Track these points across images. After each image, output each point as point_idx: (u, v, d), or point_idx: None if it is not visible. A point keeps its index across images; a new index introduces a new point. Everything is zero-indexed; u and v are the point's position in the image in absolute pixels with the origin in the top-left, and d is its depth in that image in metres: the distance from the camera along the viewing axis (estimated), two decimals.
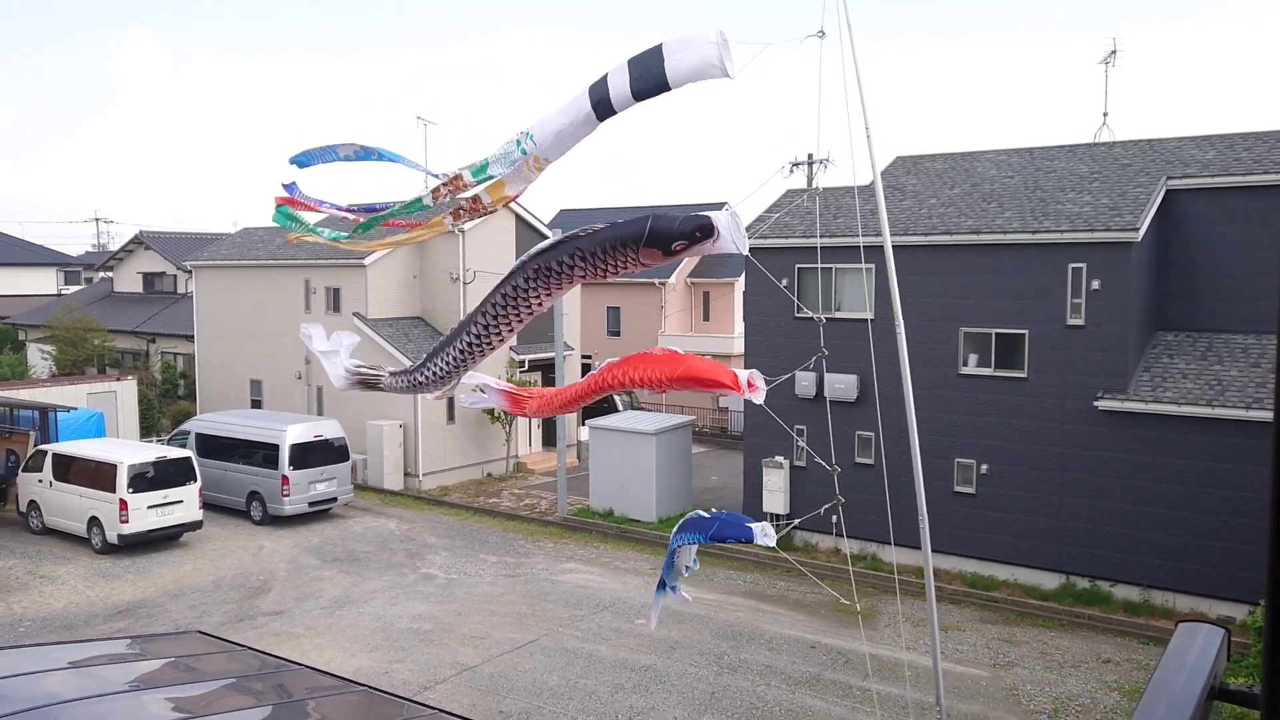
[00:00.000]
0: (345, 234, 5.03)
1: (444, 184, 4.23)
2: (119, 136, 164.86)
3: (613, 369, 4.96)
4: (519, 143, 4.05)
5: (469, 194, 4.26)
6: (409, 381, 5.08)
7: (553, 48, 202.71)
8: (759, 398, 4.52)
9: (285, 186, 4.98)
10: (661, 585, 6.45)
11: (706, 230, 3.80)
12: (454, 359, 4.72)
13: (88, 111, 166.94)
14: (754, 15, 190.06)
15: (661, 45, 3.71)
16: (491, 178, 4.13)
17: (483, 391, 5.54)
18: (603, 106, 3.86)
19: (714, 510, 5.84)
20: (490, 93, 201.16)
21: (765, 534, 5.17)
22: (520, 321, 4.39)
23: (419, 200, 4.43)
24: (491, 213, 4.38)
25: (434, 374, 4.85)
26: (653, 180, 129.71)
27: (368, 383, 5.31)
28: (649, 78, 3.73)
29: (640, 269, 3.99)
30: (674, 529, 6.09)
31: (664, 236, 3.85)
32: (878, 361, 17.99)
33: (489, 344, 4.54)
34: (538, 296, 4.23)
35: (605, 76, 3.87)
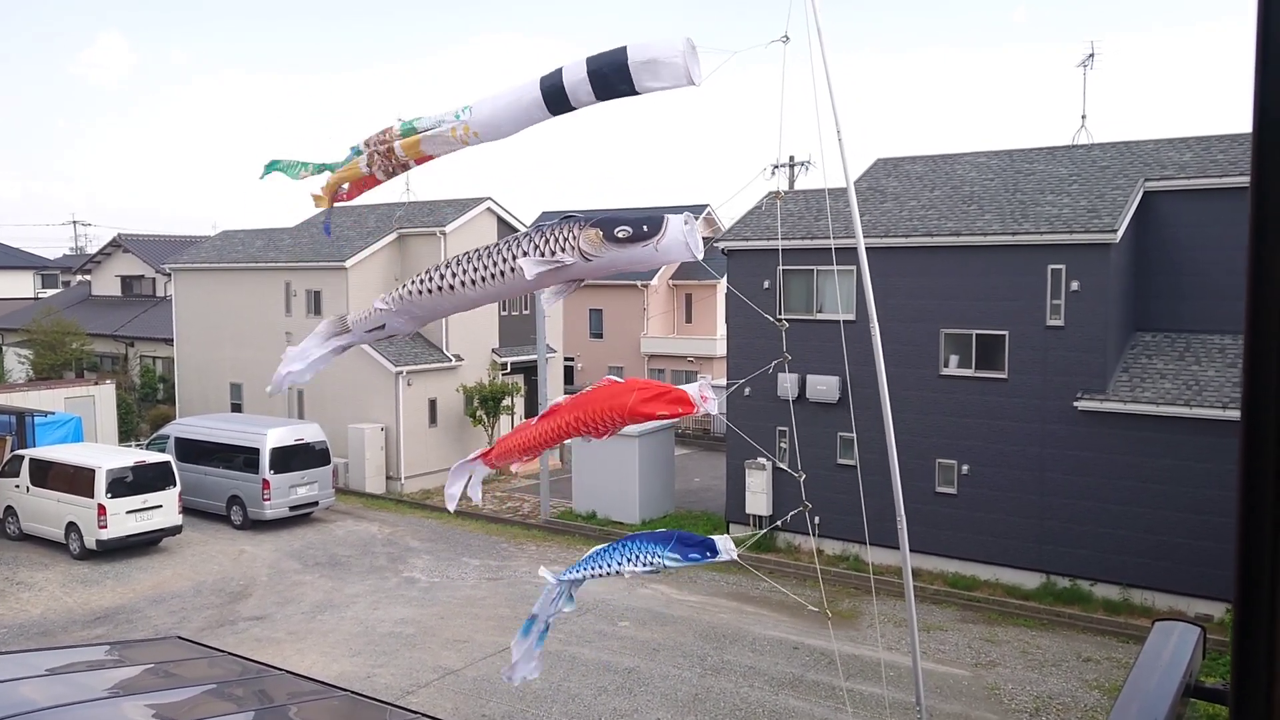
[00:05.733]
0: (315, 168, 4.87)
1: (376, 136, 4.26)
2: (95, 139, 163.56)
3: (563, 413, 4.96)
4: (457, 113, 4.05)
5: (387, 143, 4.25)
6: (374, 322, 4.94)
7: (529, 53, 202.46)
8: (713, 407, 4.52)
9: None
10: (537, 629, 6.01)
11: (654, 224, 3.79)
12: (406, 298, 4.66)
13: (62, 114, 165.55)
14: (733, 22, 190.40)
15: (626, 48, 3.65)
16: (415, 131, 4.14)
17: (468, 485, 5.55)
18: (556, 97, 3.79)
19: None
20: (473, 97, 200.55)
21: (727, 549, 5.11)
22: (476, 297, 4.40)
23: (355, 149, 4.43)
24: (404, 168, 4.34)
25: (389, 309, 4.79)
26: (637, 183, 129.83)
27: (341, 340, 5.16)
28: (611, 78, 3.67)
29: (581, 260, 3.94)
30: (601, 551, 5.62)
31: (612, 220, 3.87)
32: (858, 363, 18.09)
33: (435, 294, 4.50)
34: (493, 282, 4.23)
35: (559, 69, 3.82)
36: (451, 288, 4.38)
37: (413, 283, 4.60)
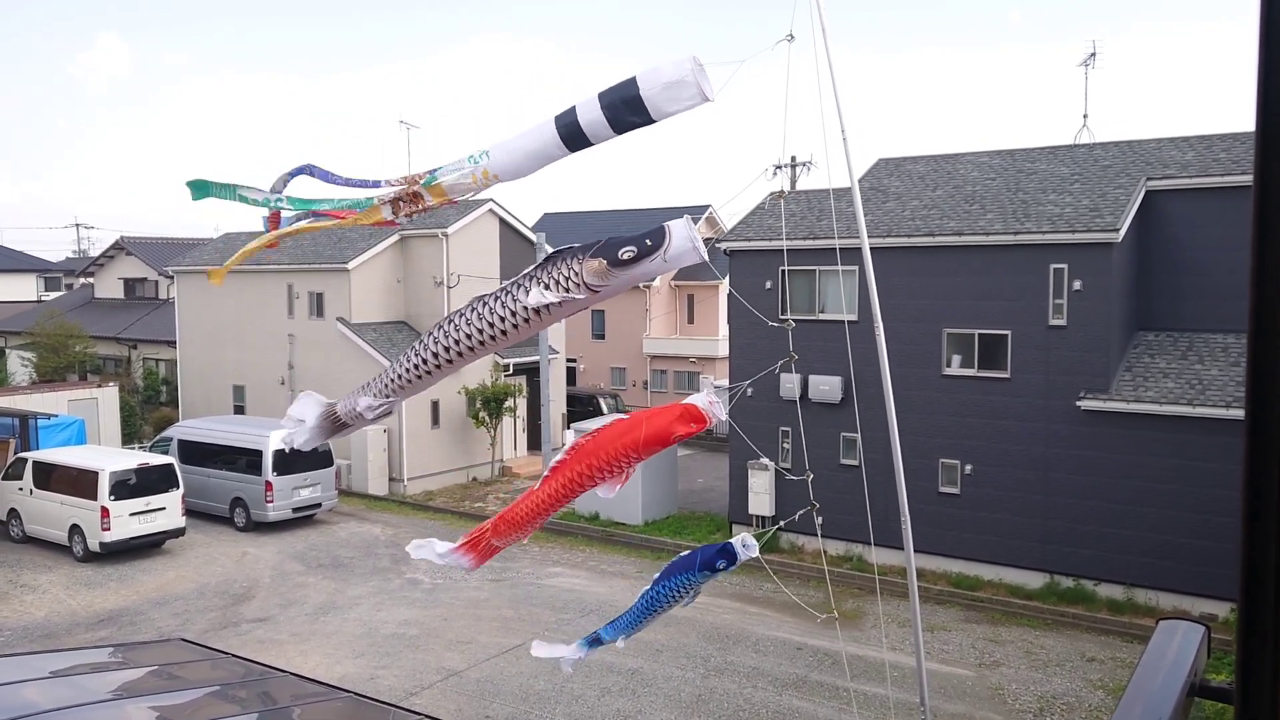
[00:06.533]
0: (268, 202, 4.62)
1: (398, 189, 4.17)
2: (95, 140, 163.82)
3: (571, 466, 4.80)
4: (472, 157, 4.00)
5: (414, 193, 4.18)
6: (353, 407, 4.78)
7: (524, 55, 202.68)
8: (722, 413, 4.47)
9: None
10: (596, 640, 5.70)
11: (656, 237, 3.72)
12: (401, 378, 4.48)
13: (62, 115, 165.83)
14: (733, 20, 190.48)
15: (635, 78, 3.65)
16: (437, 181, 4.10)
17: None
18: (574, 137, 3.78)
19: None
20: (468, 97, 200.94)
21: (746, 546, 5.03)
22: (480, 349, 4.22)
23: (370, 201, 4.29)
24: (430, 208, 4.25)
25: (380, 390, 4.62)
26: (638, 185, 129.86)
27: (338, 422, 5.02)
28: (627, 111, 3.66)
29: (590, 294, 3.86)
30: (654, 585, 5.35)
31: (613, 244, 3.77)
32: (860, 363, 18.09)
33: (442, 368, 4.34)
34: (499, 330, 4.07)
35: (573, 108, 3.79)
36: (450, 361, 4.22)
37: (404, 364, 4.35)
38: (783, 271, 21.48)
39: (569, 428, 29.48)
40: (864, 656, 15.91)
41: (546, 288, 3.86)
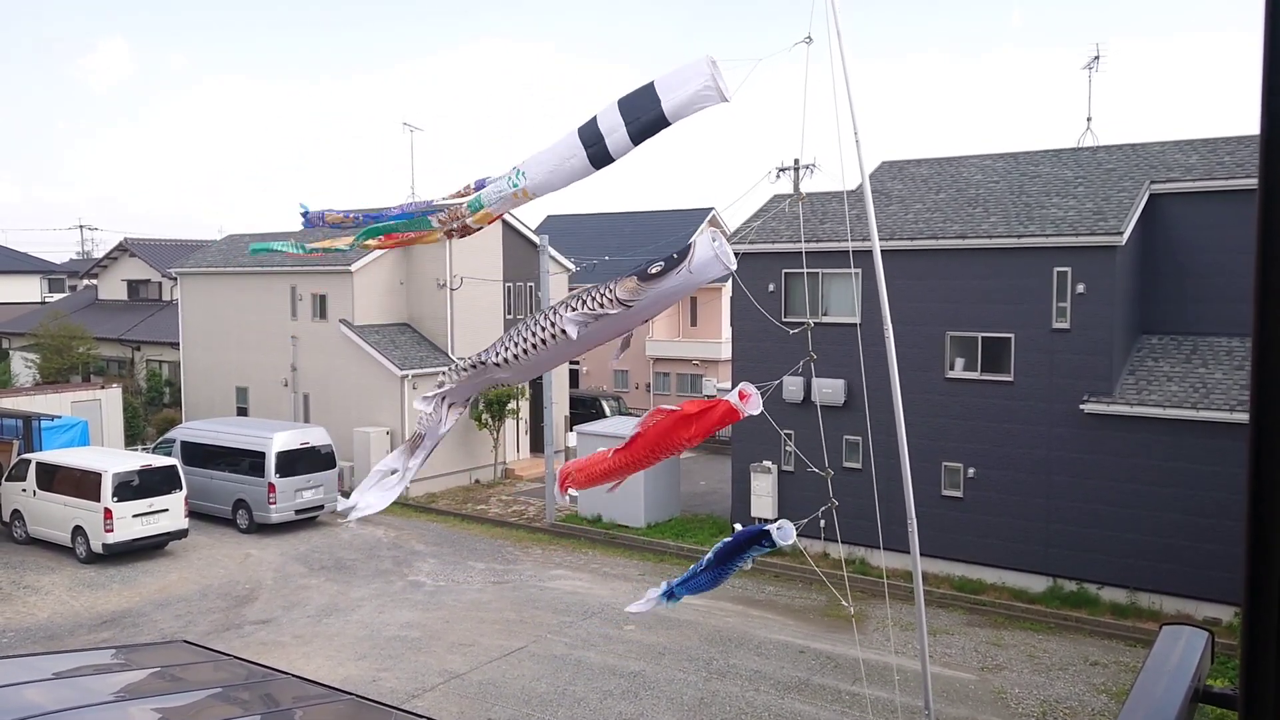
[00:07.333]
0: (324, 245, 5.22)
1: (446, 215, 4.54)
2: (98, 142, 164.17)
3: (637, 449, 5.15)
4: (510, 179, 4.18)
5: (461, 220, 4.53)
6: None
7: (524, 56, 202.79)
8: (756, 407, 4.61)
9: (304, 215, 5.16)
10: (670, 594, 6.11)
11: (682, 250, 3.84)
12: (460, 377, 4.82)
13: (64, 117, 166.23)
14: (734, 22, 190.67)
15: (653, 83, 3.72)
16: (483, 206, 4.41)
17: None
18: (600, 155, 3.92)
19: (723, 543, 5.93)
20: (468, 98, 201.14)
21: (782, 532, 5.27)
22: (530, 365, 4.54)
23: (426, 220, 4.68)
24: (477, 230, 4.65)
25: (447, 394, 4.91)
26: (641, 187, 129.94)
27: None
28: (646, 119, 3.75)
29: (623, 308, 3.98)
30: (714, 559, 5.87)
31: (644, 263, 3.95)
32: (864, 367, 18.06)
33: (492, 375, 4.68)
34: (545, 350, 4.34)
35: (594, 119, 3.88)
36: (499, 363, 4.47)
37: (465, 365, 4.68)
38: (790, 274, 21.47)
39: (572, 430, 29.45)
40: (867, 660, 15.88)
41: (582, 307, 4.04)
